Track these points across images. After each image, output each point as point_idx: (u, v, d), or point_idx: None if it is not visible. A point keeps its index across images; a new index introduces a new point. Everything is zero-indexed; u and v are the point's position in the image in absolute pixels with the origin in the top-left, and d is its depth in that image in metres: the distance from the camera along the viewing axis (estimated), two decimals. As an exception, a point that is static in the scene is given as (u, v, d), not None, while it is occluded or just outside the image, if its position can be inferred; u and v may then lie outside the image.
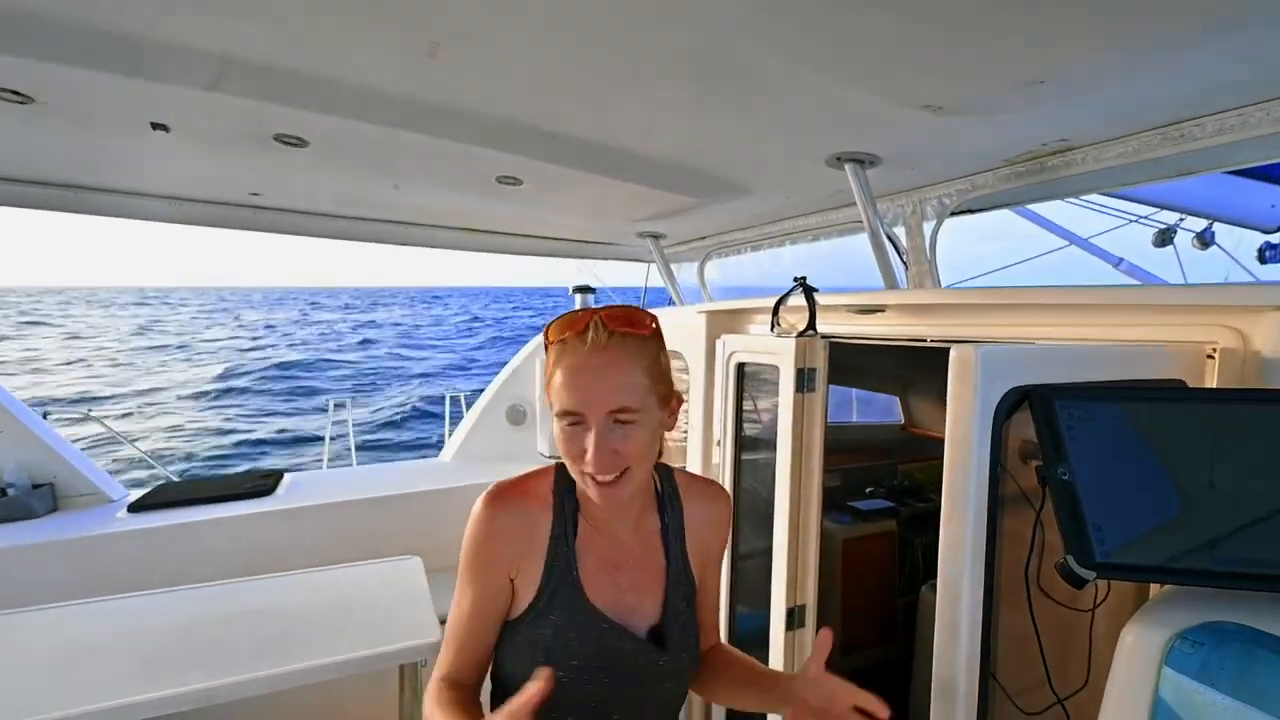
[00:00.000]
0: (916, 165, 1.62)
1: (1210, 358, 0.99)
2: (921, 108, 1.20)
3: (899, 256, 1.93)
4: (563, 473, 0.92)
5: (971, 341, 0.90)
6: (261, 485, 2.79)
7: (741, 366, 1.89)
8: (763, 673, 1.00)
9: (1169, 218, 3.11)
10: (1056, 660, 0.99)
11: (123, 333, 35.68)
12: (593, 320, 0.83)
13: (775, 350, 1.64)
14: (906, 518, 3.14)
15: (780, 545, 1.62)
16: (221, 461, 12.49)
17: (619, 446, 0.80)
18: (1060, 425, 0.74)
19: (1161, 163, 1.29)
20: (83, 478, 2.57)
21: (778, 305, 1.69)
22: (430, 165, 1.79)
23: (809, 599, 1.63)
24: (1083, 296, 1.09)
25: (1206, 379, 1.00)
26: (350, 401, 7.28)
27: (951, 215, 1.85)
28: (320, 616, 1.84)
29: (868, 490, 3.32)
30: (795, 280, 1.62)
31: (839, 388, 4.13)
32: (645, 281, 3.63)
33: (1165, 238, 3.16)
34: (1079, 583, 0.70)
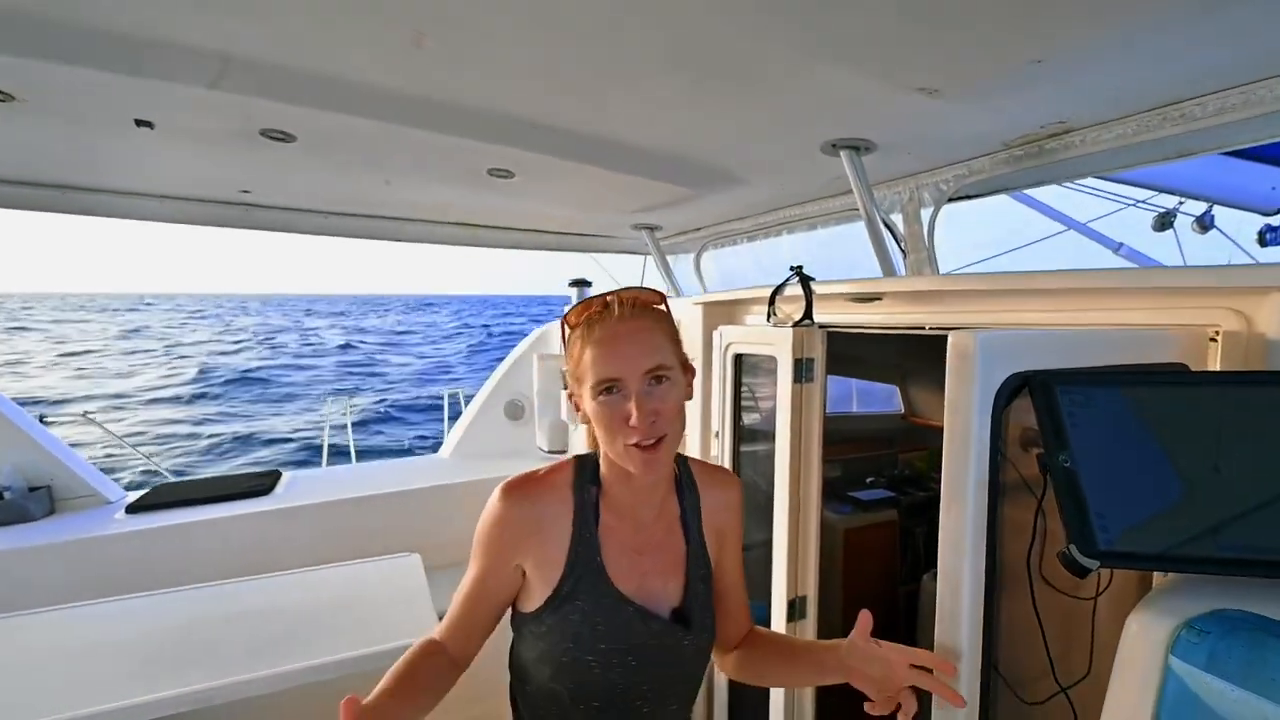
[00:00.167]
0: (913, 151, 1.60)
1: (1213, 340, 0.98)
2: (917, 91, 1.18)
3: (897, 244, 1.91)
4: (581, 464, 0.96)
5: (970, 328, 0.88)
6: (260, 485, 2.77)
7: (739, 358, 1.88)
8: (806, 646, 1.04)
9: (1168, 201, 3.08)
10: (1059, 650, 0.97)
11: (108, 336, 35.75)
12: (610, 298, 0.89)
13: (772, 341, 1.62)
14: (907, 507, 3.14)
15: (780, 536, 1.61)
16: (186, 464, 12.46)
17: (658, 406, 0.84)
18: (1061, 411, 0.73)
19: (1161, 143, 1.27)
20: (80, 480, 2.55)
21: (774, 295, 1.67)
22: (420, 159, 1.77)
23: (810, 590, 1.62)
24: (1083, 280, 1.07)
25: (1209, 362, 0.98)
26: (349, 401, 7.28)
27: (949, 201, 1.83)
28: (320, 615, 1.83)
29: (868, 480, 3.32)
30: (791, 269, 1.60)
31: (839, 378, 4.12)
32: (642, 276, 3.62)
33: (1165, 221, 3.14)
34: (1082, 572, 0.69)
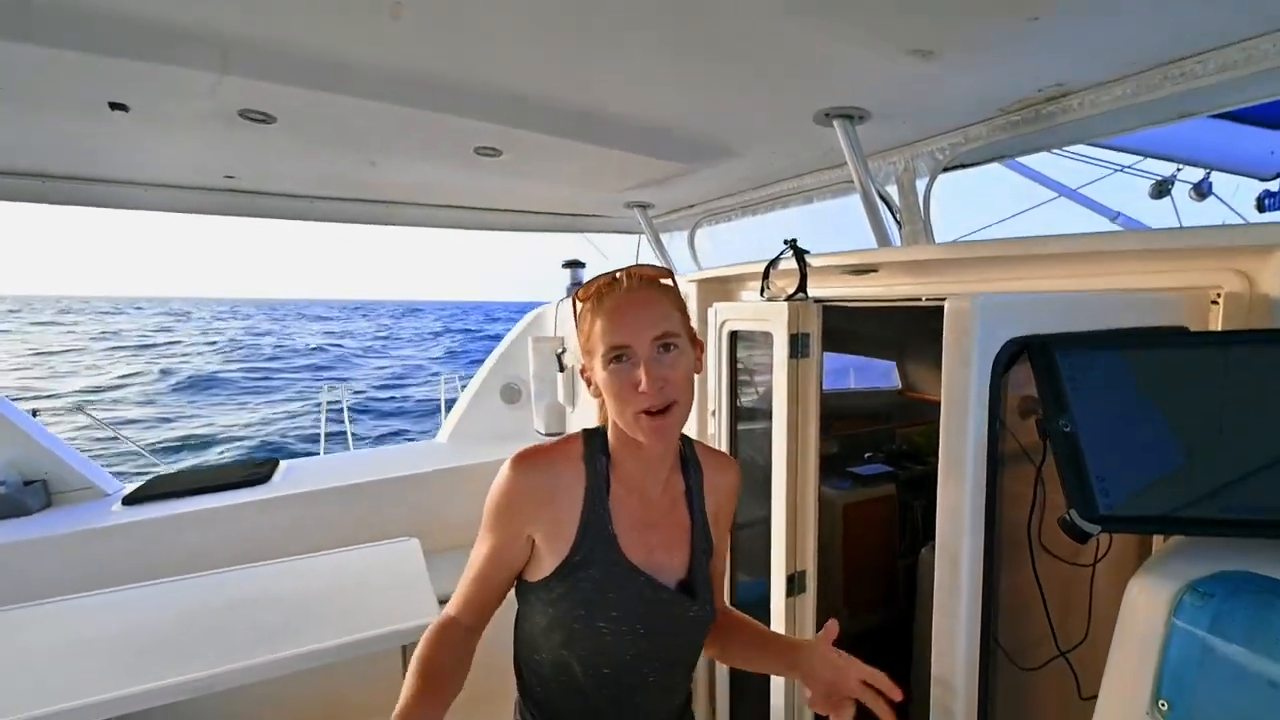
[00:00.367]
0: (907, 118, 1.56)
1: (1214, 303, 0.96)
2: (911, 53, 1.14)
3: (892, 216, 1.88)
4: (591, 437, 0.97)
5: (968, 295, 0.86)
6: (257, 474, 2.77)
7: (735, 335, 1.86)
8: (776, 638, 1.06)
9: (1165, 169, 3.05)
10: (1056, 619, 0.97)
11: (82, 337, 35.74)
12: (619, 273, 0.92)
13: (767, 316, 1.60)
14: (905, 481, 3.14)
15: (779, 512, 1.61)
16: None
17: (667, 374, 0.85)
18: (1061, 375, 0.71)
19: (1161, 104, 1.24)
20: (75, 473, 2.54)
21: (768, 269, 1.65)
22: (405, 138, 1.73)
23: (809, 564, 1.62)
24: (1082, 244, 1.05)
25: (1211, 325, 0.96)
26: (344, 388, 7.26)
27: (945, 171, 1.80)
28: (320, 601, 1.83)
29: (866, 455, 3.33)
30: (785, 243, 1.58)
31: (836, 355, 4.11)
32: (636, 255, 3.59)
33: (1162, 189, 3.11)
34: (1082, 537, 0.68)
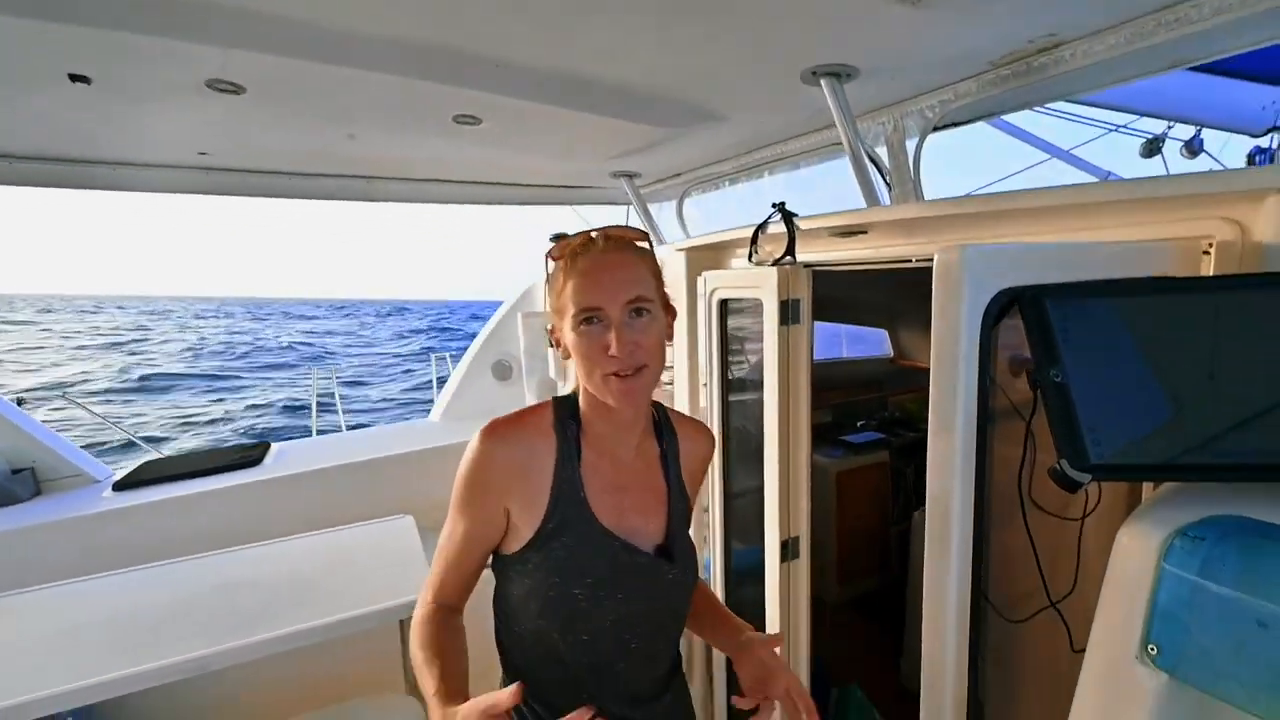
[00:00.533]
0: (896, 75, 1.53)
1: (1206, 254, 0.95)
2: (898, 2, 1.11)
3: (882, 178, 1.85)
4: (560, 404, 0.95)
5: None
6: (249, 456, 2.75)
7: (724, 304, 1.84)
8: (728, 619, 1.06)
9: (1156, 127, 3.01)
10: (1045, 574, 0.98)
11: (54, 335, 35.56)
12: (595, 233, 0.91)
13: (757, 282, 1.58)
14: (898, 448, 3.16)
15: (771, 478, 1.61)
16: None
17: (638, 339, 0.84)
18: (1052, 325, 0.70)
19: (1155, 52, 1.21)
20: (64, 460, 2.52)
21: (756, 233, 1.62)
22: (381, 108, 1.68)
23: (802, 530, 1.63)
24: (1072, 196, 1.03)
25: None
26: (335, 373, 7.22)
27: (935, 130, 1.76)
28: (315, 579, 1.83)
29: (859, 424, 3.34)
30: (774, 206, 1.55)
31: (828, 324, 4.10)
32: (625, 227, 3.54)
33: (1153, 147, 3.07)
34: (1073, 486, 0.67)
